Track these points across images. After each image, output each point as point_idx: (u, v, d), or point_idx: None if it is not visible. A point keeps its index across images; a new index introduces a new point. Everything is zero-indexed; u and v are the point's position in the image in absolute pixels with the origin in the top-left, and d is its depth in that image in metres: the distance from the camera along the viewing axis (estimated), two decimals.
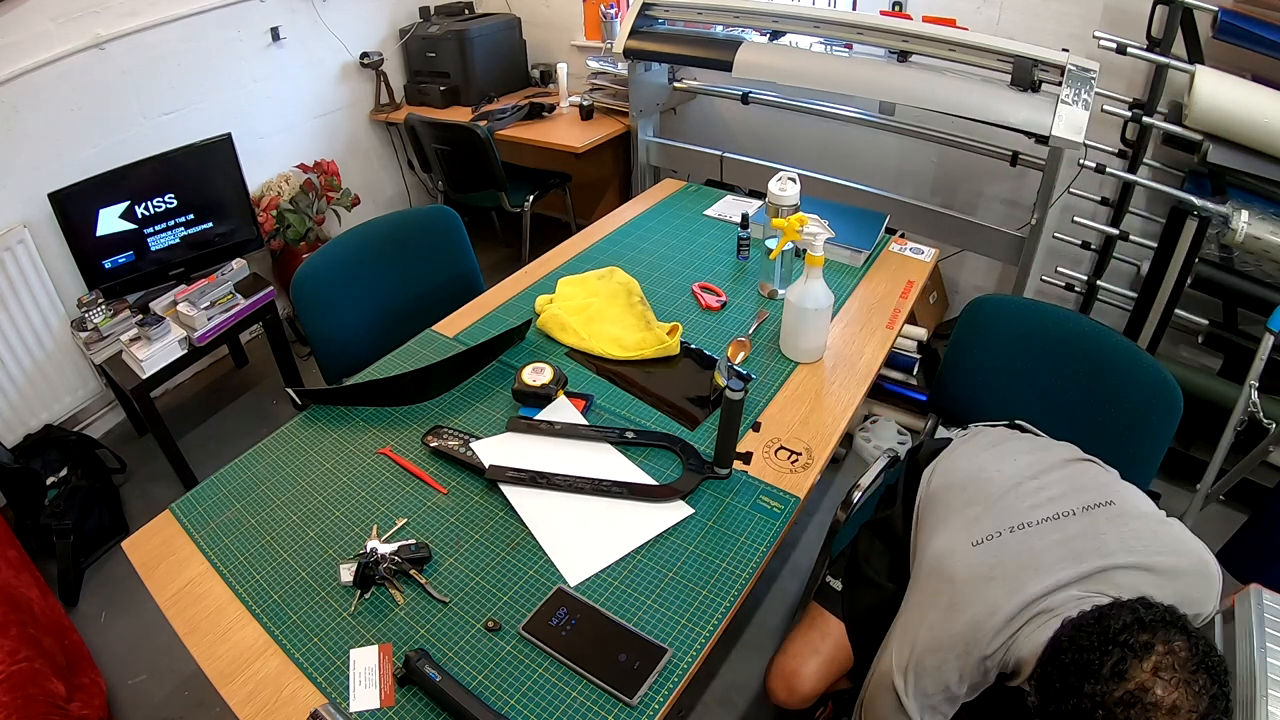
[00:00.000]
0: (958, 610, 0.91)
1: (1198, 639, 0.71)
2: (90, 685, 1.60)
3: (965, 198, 2.65)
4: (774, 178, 1.54)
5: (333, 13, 2.86)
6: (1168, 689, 0.67)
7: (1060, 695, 0.73)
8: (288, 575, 1.01)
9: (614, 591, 0.97)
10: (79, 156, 2.20)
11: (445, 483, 1.15)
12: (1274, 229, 1.71)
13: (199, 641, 0.93)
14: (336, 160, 2.95)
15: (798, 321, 1.36)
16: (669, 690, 0.86)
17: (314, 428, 1.27)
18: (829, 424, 1.25)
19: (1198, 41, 1.94)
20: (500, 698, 0.85)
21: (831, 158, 2.75)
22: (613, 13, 2.91)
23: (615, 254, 1.77)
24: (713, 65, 2.35)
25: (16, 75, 2.04)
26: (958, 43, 1.99)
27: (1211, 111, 1.75)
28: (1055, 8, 2.23)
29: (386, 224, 1.70)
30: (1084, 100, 1.79)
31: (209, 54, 2.50)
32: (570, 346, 1.45)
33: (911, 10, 2.43)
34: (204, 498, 1.13)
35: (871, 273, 1.68)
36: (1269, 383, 1.61)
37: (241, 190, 2.44)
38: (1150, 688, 0.68)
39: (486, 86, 3.07)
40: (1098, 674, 0.70)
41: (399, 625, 0.94)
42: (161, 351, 2.09)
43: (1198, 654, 0.70)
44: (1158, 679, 0.68)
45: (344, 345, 1.58)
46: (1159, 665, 0.69)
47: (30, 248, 2.12)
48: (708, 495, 1.12)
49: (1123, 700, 0.68)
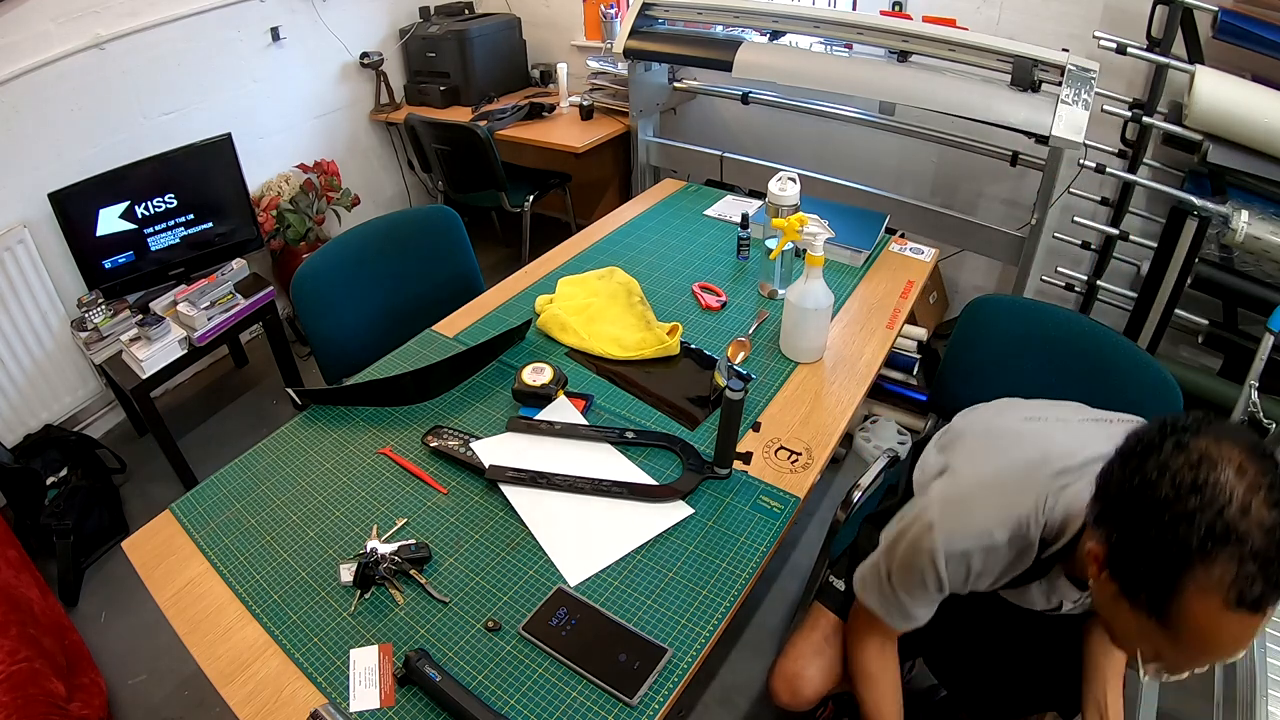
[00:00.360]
0: (1016, 448, 0.92)
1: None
2: (90, 685, 1.60)
3: (965, 198, 2.65)
4: (774, 178, 1.54)
5: (333, 13, 2.86)
6: (1231, 450, 0.65)
7: (1122, 487, 0.70)
8: (288, 575, 1.01)
9: (614, 591, 0.97)
10: (79, 156, 2.20)
11: (445, 483, 1.15)
12: (1274, 229, 1.71)
13: (199, 641, 0.93)
14: (336, 160, 2.95)
15: (798, 321, 1.36)
16: (669, 690, 0.86)
17: (314, 428, 1.27)
18: (829, 424, 1.25)
19: (1198, 41, 1.94)
20: (500, 698, 0.85)
21: (831, 158, 2.75)
22: (613, 13, 2.91)
23: (615, 254, 1.77)
24: (713, 65, 2.35)
25: (16, 75, 2.04)
26: (958, 43, 1.99)
27: (1211, 111, 1.75)
28: (1055, 8, 2.23)
29: (386, 224, 1.70)
30: (1084, 100, 1.79)
31: (209, 54, 2.50)
32: (570, 346, 1.45)
33: (911, 10, 2.42)
34: (204, 498, 1.13)
35: (871, 273, 1.68)
36: (1269, 383, 1.61)
37: (241, 190, 2.44)
38: (1214, 452, 0.65)
39: (486, 86, 3.07)
40: (1159, 449, 0.68)
41: (399, 625, 0.94)
42: (161, 351, 2.09)
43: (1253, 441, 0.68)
44: (1220, 445, 0.66)
45: (344, 345, 1.58)
46: (1219, 436, 0.67)
47: (30, 248, 2.12)
48: (708, 495, 1.12)
49: (1190, 463, 0.65)
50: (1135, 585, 0.69)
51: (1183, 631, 0.66)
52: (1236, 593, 0.61)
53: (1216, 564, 0.62)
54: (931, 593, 0.93)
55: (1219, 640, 0.65)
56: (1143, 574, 0.67)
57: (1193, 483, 0.64)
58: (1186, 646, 0.67)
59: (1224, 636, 0.65)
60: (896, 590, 0.96)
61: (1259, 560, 0.61)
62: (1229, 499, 0.62)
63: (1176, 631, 0.66)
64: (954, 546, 0.88)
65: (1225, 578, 0.62)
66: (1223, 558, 0.62)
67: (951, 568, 0.89)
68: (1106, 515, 0.72)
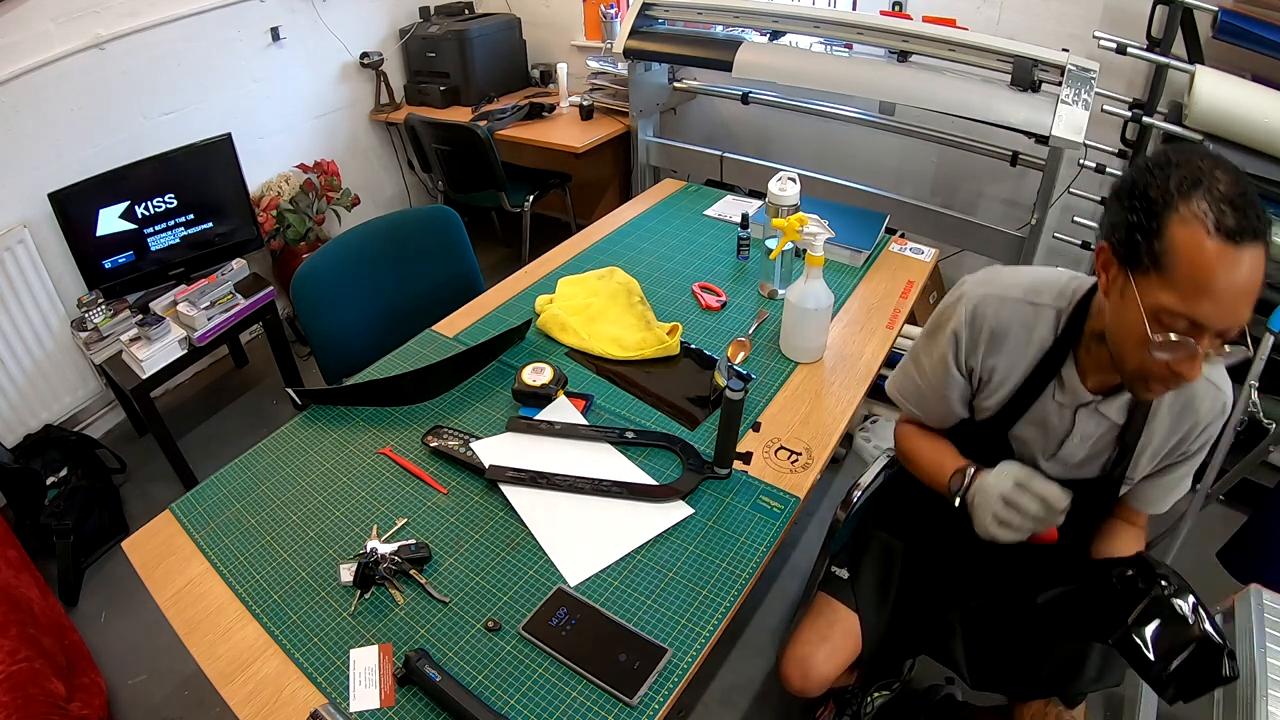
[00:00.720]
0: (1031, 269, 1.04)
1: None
2: (90, 685, 1.60)
3: (965, 198, 2.65)
4: (774, 178, 1.54)
5: (333, 13, 2.86)
6: (1199, 156, 0.79)
7: (1116, 191, 0.84)
8: (288, 575, 1.01)
9: (614, 591, 0.97)
10: (79, 156, 2.20)
11: (445, 483, 1.15)
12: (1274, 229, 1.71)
13: (199, 641, 0.93)
14: (336, 160, 2.95)
15: (798, 321, 1.36)
16: (669, 690, 0.86)
17: (314, 428, 1.27)
18: (829, 424, 1.25)
19: (1198, 41, 1.94)
20: (500, 698, 0.85)
21: (831, 158, 2.75)
22: (613, 13, 2.91)
23: (615, 254, 1.77)
24: (713, 65, 2.35)
25: (16, 75, 2.04)
26: (958, 43, 2.00)
27: (1211, 111, 1.75)
28: (1055, 8, 2.23)
29: (386, 224, 1.70)
30: (1084, 100, 1.79)
31: (209, 54, 2.50)
32: (570, 346, 1.45)
33: (911, 10, 2.43)
34: (204, 498, 1.13)
35: (871, 273, 1.68)
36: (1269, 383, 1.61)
37: (241, 190, 2.44)
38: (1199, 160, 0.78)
39: (486, 86, 3.07)
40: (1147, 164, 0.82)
41: (399, 625, 0.94)
42: (161, 351, 2.09)
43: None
44: (1192, 151, 0.80)
45: (344, 345, 1.58)
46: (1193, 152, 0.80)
47: (30, 248, 2.12)
48: (708, 495, 1.12)
49: (1164, 162, 0.79)
50: (1132, 247, 0.80)
51: (1176, 268, 0.76)
52: (1213, 220, 0.74)
53: (1193, 199, 0.75)
54: (949, 357, 1.03)
55: (1207, 267, 0.75)
56: (1137, 228, 0.79)
57: (1169, 162, 0.79)
58: (1181, 284, 0.76)
59: (1210, 263, 0.74)
60: (920, 359, 1.09)
61: (1227, 200, 0.74)
62: (1198, 167, 0.77)
63: (1171, 272, 0.77)
64: (976, 293, 1.00)
65: (1202, 209, 0.75)
66: (1197, 195, 0.75)
67: (973, 317, 1.00)
68: (1107, 214, 0.85)
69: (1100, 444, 1.00)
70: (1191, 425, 0.96)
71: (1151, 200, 0.78)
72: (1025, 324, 0.98)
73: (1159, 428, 0.97)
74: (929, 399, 1.11)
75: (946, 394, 1.07)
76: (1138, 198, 0.80)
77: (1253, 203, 0.75)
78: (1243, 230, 0.73)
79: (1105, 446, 1.00)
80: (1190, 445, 0.98)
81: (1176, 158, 0.80)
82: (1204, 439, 0.98)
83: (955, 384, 1.06)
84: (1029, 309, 0.97)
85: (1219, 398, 0.95)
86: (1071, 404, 0.98)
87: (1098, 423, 0.98)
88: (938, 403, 1.10)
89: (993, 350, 1.00)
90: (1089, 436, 0.99)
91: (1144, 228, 0.78)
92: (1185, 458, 1.00)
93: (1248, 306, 0.76)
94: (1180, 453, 1.00)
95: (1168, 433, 0.97)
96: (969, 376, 1.05)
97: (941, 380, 1.07)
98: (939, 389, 1.08)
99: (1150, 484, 1.04)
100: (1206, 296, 0.75)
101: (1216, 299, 0.75)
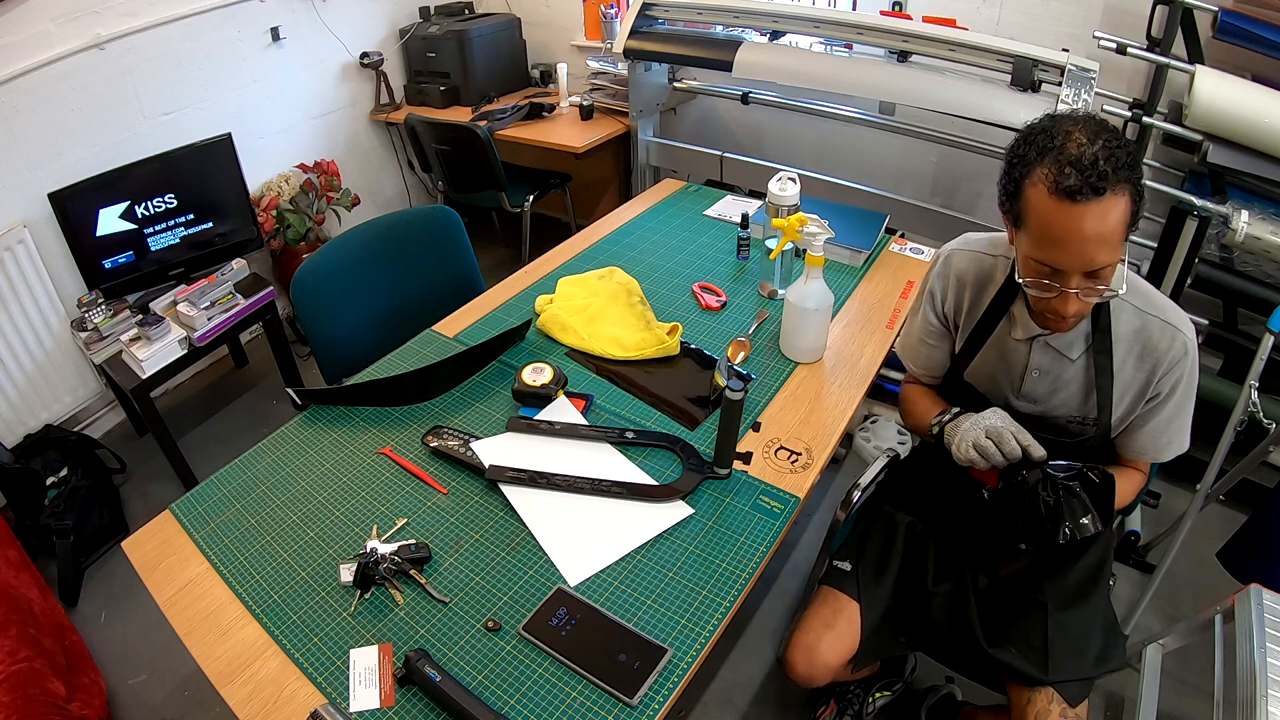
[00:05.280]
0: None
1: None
2: (90, 685, 1.60)
3: (965, 198, 2.64)
4: (774, 178, 1.54)
5: (333, 13, 2.86)
6: (1078, 120, 0.90)
7: (1007, 157, 0.96)
8: (288, 575, 1.01)
9: (614, 591, 0.97)
10: (79, 156, 2.20)
11: (445, 483, 1.15)
12: (1274, 229, 1.71)
13: (199, 641, 0.93)
14: (336, 160, 2.95)
15: (798, 321, 1.36)
16: (669, 690, 0.86)
17: (314, 428, 1.27)
18: (829, 424, 1.25)
19: (1198, 41, 1.94)
20: (500, 698, 0.85)
21: (831, 158, 2.75)
22: (613, 13, 2.91)
23: (615, 254, 1.77)
24: (713, 65, 2.35)
25: (16, 75, 2.04)
26: (958, 43, 1.99)
27: (1211, 111, 1.75)
28: (1055, 8, 2.23)
29: (386, 224, 1.70)
30: (1084, 100, 1.79)
31: (209, 54, 2.50)
32: (570, 346, 1.45)
33: (911, 10, 2.42)
34: (204, 498, 1.13)
35: (871, 273, 1.68)
36: (1269, 383, 1.61)
37: (241, 190, 2.44)
38: (1066, 123, 0.90)
39: (486, 86, 3.07)
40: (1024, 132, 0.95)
41: (399, 625, 0.94)
42: (161, 351, 2.09)
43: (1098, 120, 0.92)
44: (1071, 117, 0.92)
45: (344, 345, 1.58)
46: (1076, 119, 0.91)
47: (30, 248, 2.12)
48: (708, 495, 1.12)
49: (1046, 128, 0.91)
50: (1008, 205, 0.96)
51: (1029, 223, 0.92)
52: (1053, 181, 0.87)
53: (1042, 166, 0.89)
54: (929, 307, 1.20)
55: (1049, 222, 0.89)
56: (1008, 192, 0.95)
57: (1043, 130, 0.92)
58: (1035, 236, 0.92)
59: (1050, 218, 0.89)
60: (913, 316, 1.25)
61: (1073, 163, 0.86)
62: (1063, 134, 0.89)
63: (1027, 227, 0.93)
64: (948, 248, 1.19)
65: (1048, 174, 0.88)
66: (1047, 162, 0.88)
67: (945, 268, 1.17)
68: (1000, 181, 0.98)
69: (1060, 381, 1.10)
70: (1153, 364, 1.04)
71: (1013, 165, 0.93)
72: (985, 270, 1.14)
73: (1124, 370, 1.06)
74: (920, 350, 1.25)
75: (932, 342, 1.23)
76: (1011, 163, 0.94)
77: (1096, 162, 0.85)
78: (1081, 188, 0.85)
79: (1066, 384, 1.10)
80: (1161, 386, 1.05)
81: (1046, 124, 0.92)
82: (1173, 379, 1.04)
83: (935, 331, 1.22)
84: (988, 259, 1.14)
85: (1176, 336, 1.02)
86: (1025, 338, 1.09)
87: (1052, 358, 1.09)
88: (927, 352, 1.24)
89: (961, 294, 1.16)
90: (1045, 371, 1.10)
91: (1010, 190, 0.95)
92: (1160, 399, 1.06)
93: (1100, 251, 0.88)
94: (1154, 394, 1.06)
95: (1133, 373, 1.06)
96: (946, 323, 1.20)
97: (926, 330, 1.22)
98: (926, 339, 1.23)
99: (1139, 431, 1.11)
100: (1055, 246, 0.90)
101: (1065, 248, 0.89)
